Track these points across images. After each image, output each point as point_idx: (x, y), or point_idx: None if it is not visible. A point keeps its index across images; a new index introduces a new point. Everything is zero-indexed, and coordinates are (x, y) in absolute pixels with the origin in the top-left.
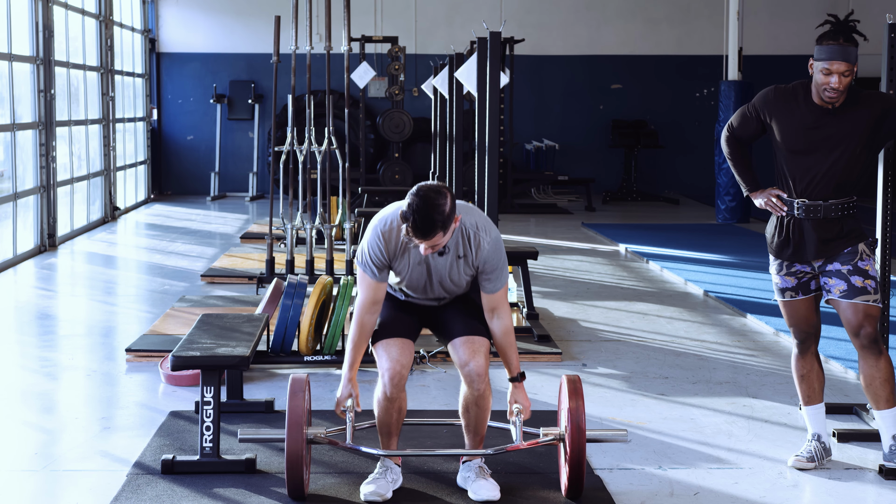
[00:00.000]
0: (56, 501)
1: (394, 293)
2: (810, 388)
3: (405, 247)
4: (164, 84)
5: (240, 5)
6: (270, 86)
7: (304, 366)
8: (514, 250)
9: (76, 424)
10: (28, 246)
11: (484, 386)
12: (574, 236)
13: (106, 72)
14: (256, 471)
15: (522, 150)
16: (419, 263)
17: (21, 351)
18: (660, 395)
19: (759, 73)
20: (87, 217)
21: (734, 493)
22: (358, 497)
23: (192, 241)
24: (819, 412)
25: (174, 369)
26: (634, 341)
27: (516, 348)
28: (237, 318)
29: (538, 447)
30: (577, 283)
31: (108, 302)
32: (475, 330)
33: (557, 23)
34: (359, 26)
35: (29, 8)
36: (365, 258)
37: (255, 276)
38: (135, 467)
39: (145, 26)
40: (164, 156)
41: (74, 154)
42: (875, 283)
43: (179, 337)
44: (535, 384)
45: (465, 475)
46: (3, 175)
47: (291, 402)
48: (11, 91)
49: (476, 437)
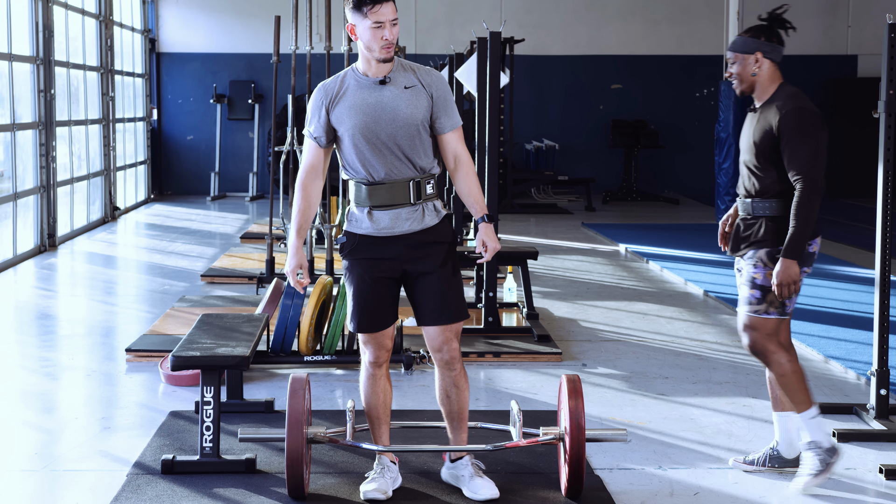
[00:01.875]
0: (56, 501)
1: (353, 174)
2: (772, 392)
3: (347, 89)
4: (164, 84)
5: (240, 5)
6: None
7: (304, 366)
8: (514, 250)
9: (76, 424)
10: (28, 246)
11: (459, 367)
12: (574, 236)
13: (106, 72)
14: (256, 471)
15: (522, 149)
16: (368, 103)
17: (21, 351)
18: (660, 395)
19: None
20: (87, 217)
21: (734, 493)
22: (358, 497)
23: (192, 241)
24: (783, 420)
25: (174, 369)
26: (634, 341)
27: (480, 188)
28: (237, 318)
29: (538, 447)
30: (577, 283)
31: (108, 302)
32: (448, 315)
33: (557, 23)
34: None
35: (29, 8)
36: (308, 118)
37: (255, 276)
38: (135, 467)
39: (145, 26)
40: (165, 156)
41: (74, 154)
42: (761, 294)
43: (179, 337)
44: (534, 384)
45: (457, 474)
46: (3, 175)
47: (291, 401)
48: (11, 91)
49: (461, 426)
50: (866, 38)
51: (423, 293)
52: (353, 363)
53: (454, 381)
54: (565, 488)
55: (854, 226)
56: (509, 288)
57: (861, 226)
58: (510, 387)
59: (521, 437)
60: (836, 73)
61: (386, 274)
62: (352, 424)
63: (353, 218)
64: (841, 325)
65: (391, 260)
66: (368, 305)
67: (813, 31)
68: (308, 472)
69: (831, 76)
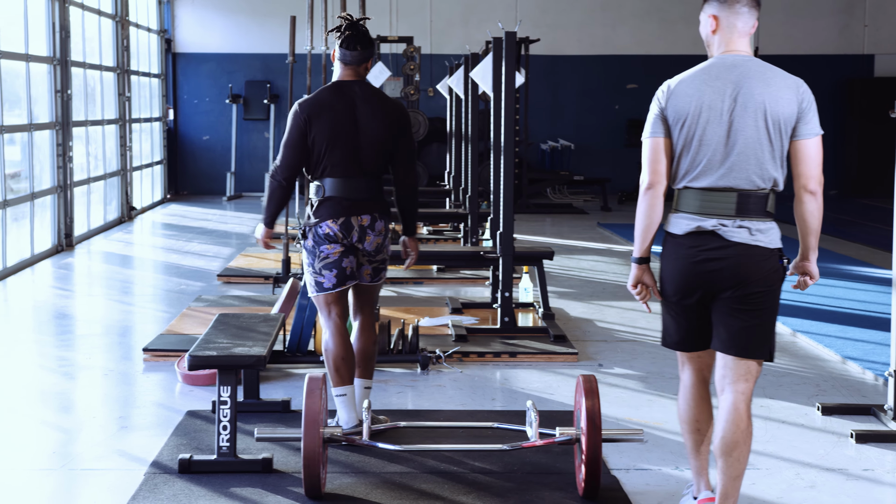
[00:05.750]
0: (74, 500)
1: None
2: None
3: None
4: (180, 84)
5: (255, 6)
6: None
7: (321, 365)
8: (530, 250)
9: (94, 424)
10: (45, 246)
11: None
12: (590, 236)
13: (122, 72)
14: (273, 470)
15: (538, 149)
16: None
17: (39, 350)
18: (676, 395)
19: None
20: (104, 217)
21: (751, 494)
22: (375, 497)
23: (209, 240)
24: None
25: (191, 369)
26: (651, 341)
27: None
28: (253, 318)
29: (554, 447)
30: (593, 284)
31: (124, 301)
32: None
33: (573, 23)
34: (374, 26)
35: (46, 9)
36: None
37: (271, 276)
38: (152, 466)
39: (161, 27)
40: (181, 156)
41: (91, 154)
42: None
43: (196, 336)
44: (551, 384)
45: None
46: (20, 175)
47: (308, 401)
48: (29, 91)
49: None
50: (883, 37)
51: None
52: None
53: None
54: (582, 488)
55: (870, 226)
56: (525, 288)
57: (877, 226)
58: (526, 387)
59: (537, 437)
60: (852, 72)
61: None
62: (368, 424)
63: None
64: (858, 325)
65: None
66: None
67: (829, 31)
68: (325, 471)
69: (848, 76)
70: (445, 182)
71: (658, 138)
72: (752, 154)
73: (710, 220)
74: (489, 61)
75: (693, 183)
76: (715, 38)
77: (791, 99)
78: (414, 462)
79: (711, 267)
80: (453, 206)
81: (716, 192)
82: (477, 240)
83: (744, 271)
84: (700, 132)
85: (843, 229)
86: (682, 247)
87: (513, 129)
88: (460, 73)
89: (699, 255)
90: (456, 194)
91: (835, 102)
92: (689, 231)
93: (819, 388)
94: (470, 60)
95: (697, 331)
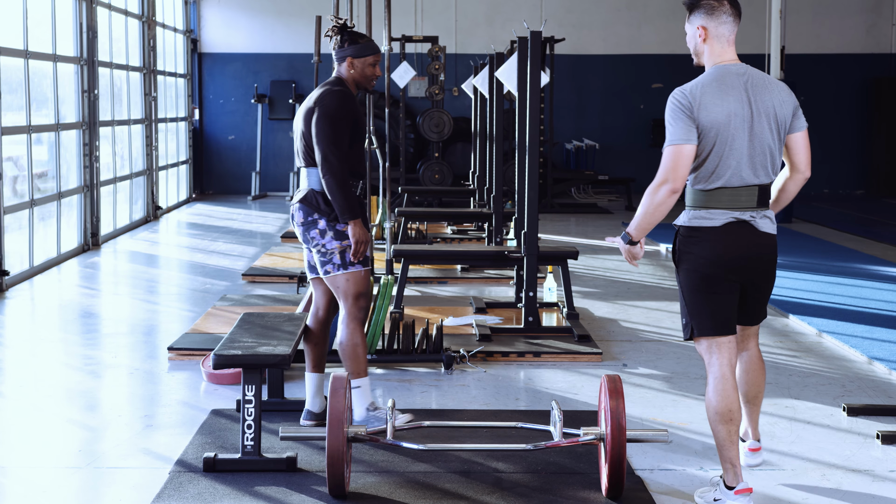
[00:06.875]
0: (100, 498)
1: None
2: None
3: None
4: (206, 84)
5: (281, 6)
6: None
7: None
8: (555, 250)
9: (119, 422)
10: (72, 245)
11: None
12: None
13: (148, 72)
14: (297, 469)
15: (563, 149)
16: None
17: (65, 349)
18: (701, 395)
19: (802, 71)
20: (130, 216)
21: (776, 496)
22: (399, 496)
23: (234, 240)
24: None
25: (216, 368)
26: (675, 341)
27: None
28: (278, 318)
29: (578, 447)
30: (618, 283)
31: (150, 301)
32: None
33: (598, 22)
34: (399, 26)
35: (73, 9)
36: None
37: (295, 276)
38: (177, 465)
39: (187, 27)
40: (206, 155)
41: (117, 154)
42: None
43: (221, 336)
44: (575, 384)
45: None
46: (47, 175)
47: (332, 400)
48: (56, 91)
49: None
50: None
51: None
52: (394, 362)
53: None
54: (606, 489)
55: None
56: (549, 288)
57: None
58: (550, 387)
59: (561, 437)
60: (879, 71)
61: None
62: (392, 423)
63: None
64: (885, 325)
65: None
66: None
67: (856, 30)
68: (349, 470)
69: (874, 75)
70: (470, 182)
71: (691, 145)
72: (767, 153)
73: (743, 213)
74: (514, 61)
75: (727, 183)
76: (706, 48)
77: (788, 101)
78: (437, 461)
79: (753, 253)
80: (478, 206)
81: (743, 188)
82: (501, 239)
83: (772, 254)
84: (731, 139)
85: (870, 229)
86: (725, 234)
87: (537, 129)
88: (485, 72)
89: (740, 239)
90: (480, 194)
91: (862, 102)
92: (728, 222)
93: (845, 388)
94: (495, 60)
95: (737, 309)
